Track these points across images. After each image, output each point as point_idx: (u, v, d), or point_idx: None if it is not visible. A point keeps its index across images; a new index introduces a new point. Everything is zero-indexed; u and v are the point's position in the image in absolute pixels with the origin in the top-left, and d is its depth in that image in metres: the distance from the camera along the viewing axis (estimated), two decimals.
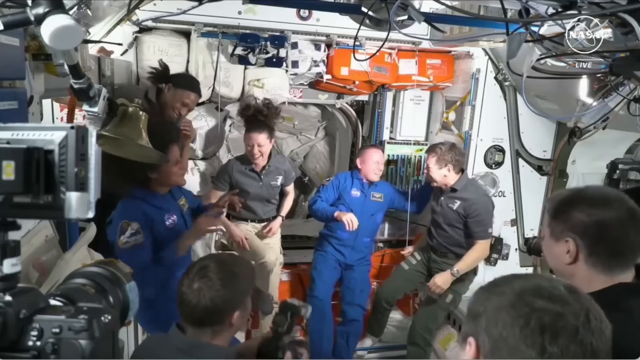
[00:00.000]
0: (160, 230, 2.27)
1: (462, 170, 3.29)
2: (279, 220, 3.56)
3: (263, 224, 3.52)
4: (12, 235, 0.60)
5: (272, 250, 3.42)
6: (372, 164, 3.48)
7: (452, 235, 3.29)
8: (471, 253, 3.21)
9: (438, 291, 3.23)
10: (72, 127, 0.58)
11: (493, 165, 3.72)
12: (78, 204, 0.57)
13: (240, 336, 3.68)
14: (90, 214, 0.58)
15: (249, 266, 1.52)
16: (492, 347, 0.73)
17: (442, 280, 3.21)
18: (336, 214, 3.36)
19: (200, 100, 3.68)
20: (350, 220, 3.27)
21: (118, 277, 0.75)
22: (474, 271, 3.40)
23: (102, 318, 0.59)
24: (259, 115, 3.19)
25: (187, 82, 3.02)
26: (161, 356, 1.40)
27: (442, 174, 3.21)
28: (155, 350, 1.44)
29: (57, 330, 0.57)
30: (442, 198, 3.30)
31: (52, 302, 0.63)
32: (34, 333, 0.57)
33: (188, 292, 1.40)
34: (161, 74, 2.95)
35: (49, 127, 0.58)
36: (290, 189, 3.67)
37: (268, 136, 3.20)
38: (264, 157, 3.26)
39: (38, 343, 0.57)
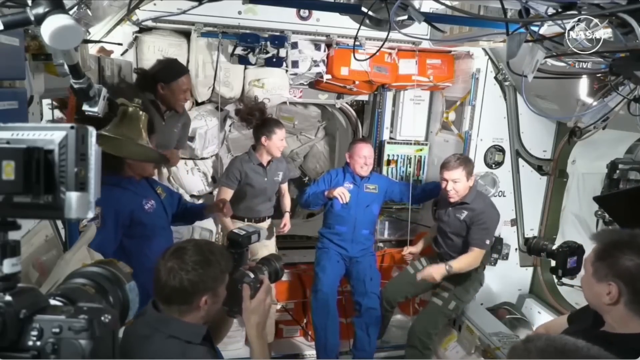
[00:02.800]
0: (139, 214, 2.34)
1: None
2: (287, 215, 3.67)
3: (260, 223, 3.55)
4: (12, 235, 0.60)
5: (266, 248, 3.43)
6: (359, 158, 3.49)
7: (459, 244, 3.26)
8: (464, 257, 3.19)
9: (429, 279, 3.17)
10: (72, 127, 0.57)
11: (493, 165, 3.71)
12: (78, 204, 0.57)
13: (241, 336, 3.70)
14: (91, 214, 0.58)
15: (225, 256, 1.56)
16: None
17: (436, 270, 3.16)
18: (326, 192, 3.47)
19: (200, 100, 3.69)
20: (341, 193, 3.39)
21: (118, 277, 0.75)
22: (480, 281, 3.38)
23: (102, 318, 0.59)
24: (255, 114, 3.28)
25: (173, 72, 2.98)
26: (136, 330, 1.47)
27: (469, 186, 3.18)
28: (135, 325, 1.50)
29: (57, 330, 0.57)
30: (451, 208, 3.29)
31: (52, 302, 0.63)
32: (34, 333, 0.57)
33: (161, 270, 1.46)
34: (144, 81, 2.96)
35: (49, 127, 0.58)
36: (285, 187, 3.76)
37: None
38: None
39: (38, 343, 0.57)
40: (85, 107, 1.81)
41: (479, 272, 3.34)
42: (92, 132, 0.60)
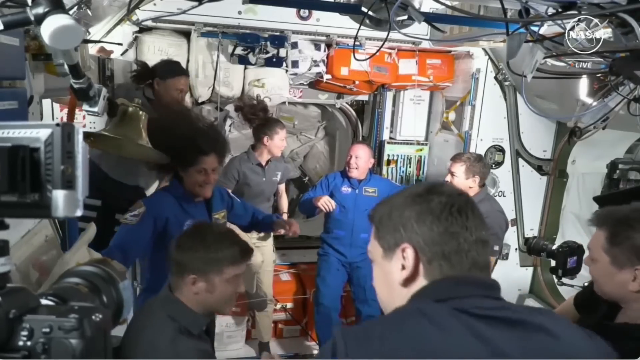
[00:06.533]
0: (173, 232, 2.21)
1: (484, 184, 3.21)
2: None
3: None
4: (1, 235, 0.60)
5: (259, 252, 3.42)
6: (348, 157, 3.47)
7: None
8: None
9: None
10: (57, 125, 0.57)
11: (493, 165, 3.71)
12: (65, 202, 0.57)
13: (241, 336, 3.71)
14: (79, 212, 0.58)
15: (228, 246, 1.61)
16: (426, 240, 0.88)
17: None
18: (314, 199, 3.43)
19: (200, 100, 3.69)
20: (325, 203, 3.33)
21: (112, 276, 0.75)
22: None
23: (94, 317, 0.58)
24: (259, 114, 3.26)
25: (171, 69, 2.97)
26: (150, 307, 1.55)
27: (468, 185, 3.09)
28: (149, 304, 1.58)
29: (47, 329, 0.57)
30: None
31: (44, 301, 0.63)
32: (24, 333, 0.57)
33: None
34: (143, 73, 2.94)
35: (35, 125, 0.58)
36: (283, 187, 3.76)
37: None
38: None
39: (28, 343, 0.57)
40: (85, 107, 1.82)
41: None
42: (79, 129, 0.60)
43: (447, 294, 0.85)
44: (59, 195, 0.56)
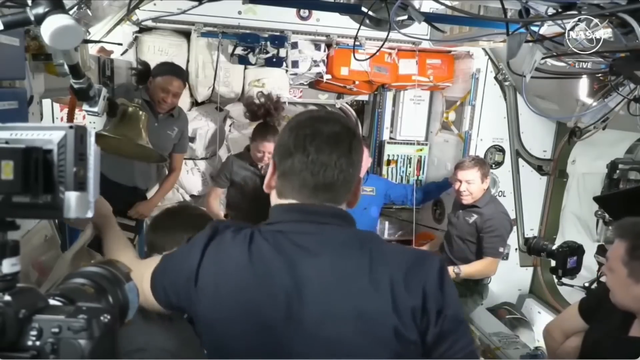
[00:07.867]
0: None
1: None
2: None
3: None
4: (12, 235, 0.61)
5: None
6: None
7: (464, 249, 3.19)
8: (478, 262, 3.11)
9: None
10: (70, 127, 0.58)
11: (493, 165, 3.71)
12: (77, 204, 0.58)
13: None
14: (90, 214, 0.59)
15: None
16: (280, 157, 1.05)
17: None
18: None
19: (200, 100, 3.69)
20: None
21: (117, 277, 0.75)
22: (481, 294, 3.26)
23: (102, 318, 0.59)
24: (267, 115, 3.15)
25: (166, 69, 2.95)
26: None
27: (483, 188, 3.10)
28: None
29: (56, 330, 0.57)
30: (461, 211, 3.24)
31: (52, 302, 0.63)
32: (33, 333, 0.57)
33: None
34: (143, 72, 2.93)
35: (48, 127, 0.59)
36: None
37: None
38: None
39: (37, 343, 0.57)
40: (85, 107, 1.82)
41: (480, 285, 3.23)
42: (91, 131, 0.60)
43: (277, 218, 1.06)
44: (71, 197, 0.57)
